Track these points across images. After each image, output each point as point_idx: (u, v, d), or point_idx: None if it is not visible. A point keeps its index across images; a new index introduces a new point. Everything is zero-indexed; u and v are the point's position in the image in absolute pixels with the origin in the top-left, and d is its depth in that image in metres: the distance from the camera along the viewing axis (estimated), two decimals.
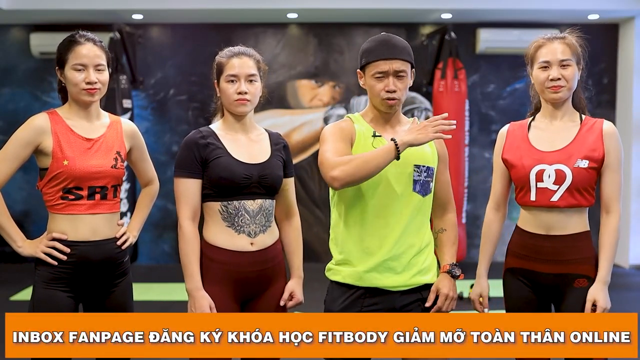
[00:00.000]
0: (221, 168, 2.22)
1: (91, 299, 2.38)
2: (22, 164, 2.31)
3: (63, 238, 2.29)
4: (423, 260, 2.21)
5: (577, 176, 2.25)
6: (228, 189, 2.23)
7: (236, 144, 2.29)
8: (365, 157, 2.05)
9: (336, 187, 2.08)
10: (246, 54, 2.31)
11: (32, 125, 2.29)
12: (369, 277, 2.17)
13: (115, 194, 2.38)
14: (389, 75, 2.15)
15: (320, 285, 2.89)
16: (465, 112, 6.19)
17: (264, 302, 2.32)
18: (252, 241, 2.26)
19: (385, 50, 2.16)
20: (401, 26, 6.75)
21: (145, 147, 2.57)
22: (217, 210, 2.25)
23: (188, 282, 2.22)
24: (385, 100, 2.17)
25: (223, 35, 6.50)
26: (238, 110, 2.29)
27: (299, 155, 6.80)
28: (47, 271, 2.28)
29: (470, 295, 2.50)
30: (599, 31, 6.65)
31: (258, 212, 2.27)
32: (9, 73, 6.82)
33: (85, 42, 2.33)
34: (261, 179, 2.27)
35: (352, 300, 2.19)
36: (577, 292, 2.27)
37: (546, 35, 2.36)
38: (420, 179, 2.19)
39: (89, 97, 2.32)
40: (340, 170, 2.04)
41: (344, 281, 2.21)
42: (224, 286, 2.24)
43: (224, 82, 2.28)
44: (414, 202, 2.19)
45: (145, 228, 6.61)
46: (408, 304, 2.20)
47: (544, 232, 2.30)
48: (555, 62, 2.28)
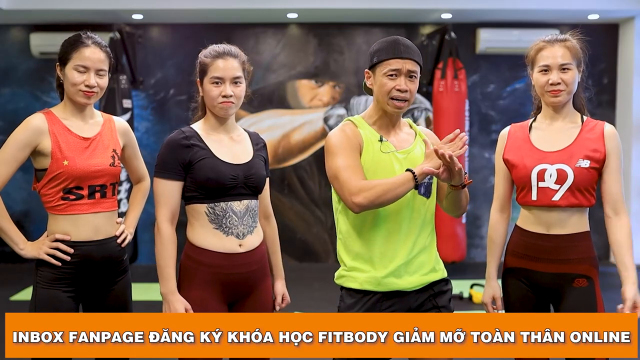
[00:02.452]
0: (207, 169, 2.20)
1: (91, 297, 2.38)
2: (20, 165, 2.30)
3: (66, 239, 2.29)
4: (431, 259, 2.23)
5: (578, 176, 2.25)
6: (215, 190, 2.21)
7: (219, 145, 2.27)
8: (387, 186, 2.05)
9: (356, 212, 2.09)
10: (231, 54, 2.27)
11: (30, 126, 2.27)
12: (388, 282, 2.15)
13: (114, 191, 2.39)
14: (402, 74, 2.14)
15: (320, 286, 2.90)
16: (465, 112, 6.18)
17: (251, 303, 2.30)
18: (241, 242, 2.25)
19: (402, 49, 2.15)
20: (401, 26, 6.75)
21: (137, 144, 2.58)
22: (204, 212, 2.23)
23: (163, 286, 2.20)
24: (393, 101, 2.14)
25: (223, 35, 6.46)
26: (222, 112, 2.27)
27: (299, 155, 6.80)
28: (49, 272, 2.28)
29: (482, 299, 2.48)
30: (599, 31, 6.65)
31: (245, 213, 2.26)
32: (9, 73, 6.82)
33: (91, 45, 2.32)
34: (247, 180, 2.25)
35: (369, 305, 2.16)
36: (577, 291, 2.27)
37: (547, 37, 2.35)
38: (424, 181, 2.17)
39: (85, 99, 2.31)
40: (363, 197, 2.04)
41: (362, 287, 2.16)
42: (211, 289, 2.22)
43: (208, 84, 2.25)
44: (421, 204, 2.19)
45: (145, 228, 6.65)
46: (422, 302, 2.21)
47: (544, 232, 2.30)
48: (555, 67, 2.28)
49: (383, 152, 2.16)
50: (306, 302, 4.42)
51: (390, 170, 2.14)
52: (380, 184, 2.05)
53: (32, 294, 2.32)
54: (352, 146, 2.14)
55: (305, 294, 4.55)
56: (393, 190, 2.04)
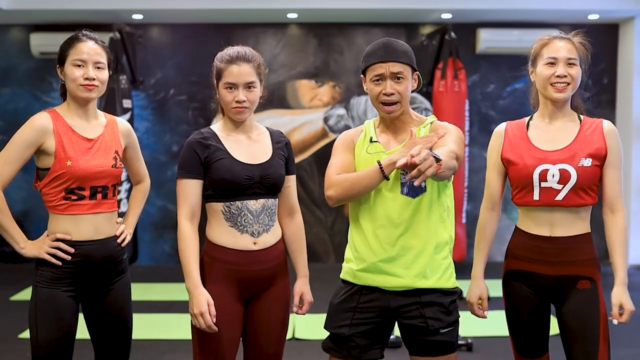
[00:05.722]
0: (223, 170, 2.23)
1: (91, 297, 2.38)
2: (24, 164, 2.30)
3: (67, 238, 2.29)
4: (423, 262, 2.16)
5: (581, 175, 2.24)
6: (230, 190, 2.24)
7: (237, 145, 2.30)
8: (354, 179, 2.14)
9: (331, 205, 2.21)
10: (245, 59, 2.27)
11: (35, 125, 2.27)
12: (362, 276, 2.21)
13: (115, 192, 2.40)
14: (386, 78, 2.16)
15: (321, 286, 2.90)
16: (465, 112, 6.18)
17: (266, 301, 2.32)
18: (255, 241, 2.27)
19: (383, 53, 2.16)
20: (401, 26, 6.75)
21: (138, 146, 2.59)
22: (220, 211, 2.26)
23: (187, 281, 2.23)
24: (383, 106, 2.18)
25: (223, 35, 6.49)
26: (236, 117, 2.30)
27: (299, 155, 6.80)
28: (49, 271, 2.28)
29: (467, 297, 2.43)
30: (599, 31, 6.64)
31: (261, 212, 2.28)
32: (9, 73, 6.82)
33: (87, 40, 2.33)
34: (263, 179, 2.27)
35: (349, 294, 2.24)
36: (580, 293, 2.26)
37: (551, 34, 2.35)
38: (407, 181, 2.14)
39: (86, 92, 2.31)
40: (333, 190, 2.17)
41: (344, 277, 2.28)
42: (227, 285, 2.25)
43: (222, 89, 2.27)
44: (404, 204, 2.16)
45: (145, 228, 6.65)
46: (405, 305, 2.18)
47: (547, 234, 2.29)
48: (563, 60, 2.27)
49: (369, 152, 2.21)
50: None
51: None
52: (348, 177, 2.16)
53: (31, 293, 2.32)
54: (345, 146, 2.27)
55: None
56: (359, 182, 2.13)
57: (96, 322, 2.42)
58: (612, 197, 2.29)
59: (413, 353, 2.22)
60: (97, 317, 2.41)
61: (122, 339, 2.45)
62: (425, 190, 2.17)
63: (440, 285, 2.18)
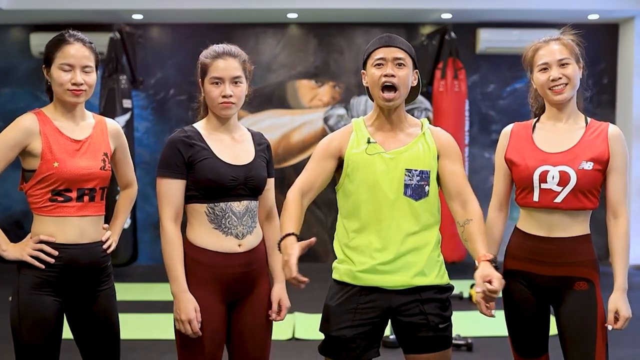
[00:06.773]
0: (208, 170, 2.19)
1: (76, 304, 2.30)
2: (8, 165, 2.25)
3: (51, 240, 2.22)
4: (422, 261, 2.17)
5: (581, 178, 2.23)
6: (214, 190, 2.20)
7: (221, 145, 2.26)
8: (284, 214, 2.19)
9: None
10: (231, 54, 2.25)
11: (20, 126, 2.23)
12: (363, 277, 2.18)
13: (102, 196, 2.33)
14: (388, 62, 2.16)
15: (320, 286, 2.90)
16: (465, 112, 6.19)
17: (250, 304, 2.29)
18: (240, 242, 2.24)
19: (387, 39, 2.20)
20: (401, 26, 6.75)
21: (127, 148, 2.51)
22: (203, 212, 2.22)
23: (173, 285, 2.19)
24: (381, 92, 2.15)
25: (223, 35, 6.48)
26: (222, 113, 2.26)
27: (298, 155, 6.80)
28: (33, 275, 2.21)
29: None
30: (599, 31, 6.64)
31: (245, 214, 2.25)
32: (9, 73, 6.82)
33: (74, 42, 2.27)
34: (247, 181, 2.24)
35: (348, 296, 2.20)
36: (577, 294, 2.26)
37: (541, 38, 2.35)
38: (412, 183, 2.15)
39: (73, 98, 2.26)
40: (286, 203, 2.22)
41: (341, 279, 2.22)
42: (210, 288, 2.21)
43: (208, 84, 2.24)
44: (406, 206, 2.16)
45: (145, 228, 6.64)
46: (405, 304, 2.18)
47: (545, 234, 2.29)
48: (554, 63, 2.28)
49: (368, 153, 2.19)
50: (306, 303, 4.43)
51: (371, 171, 2.17)
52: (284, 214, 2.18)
53: (12, 300, 2.23)
54: (327, 153, 2.25)
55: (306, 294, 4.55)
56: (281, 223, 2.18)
57: (83, 331, 2.34)
58: (615, 203, 2.28)
59: (410, 351, 2.21)
60: (83, 326, 2.34)
61: (111, 346, 2.38)
62: (429, 195, 2.19)
63: (438, 282, 2.21)
